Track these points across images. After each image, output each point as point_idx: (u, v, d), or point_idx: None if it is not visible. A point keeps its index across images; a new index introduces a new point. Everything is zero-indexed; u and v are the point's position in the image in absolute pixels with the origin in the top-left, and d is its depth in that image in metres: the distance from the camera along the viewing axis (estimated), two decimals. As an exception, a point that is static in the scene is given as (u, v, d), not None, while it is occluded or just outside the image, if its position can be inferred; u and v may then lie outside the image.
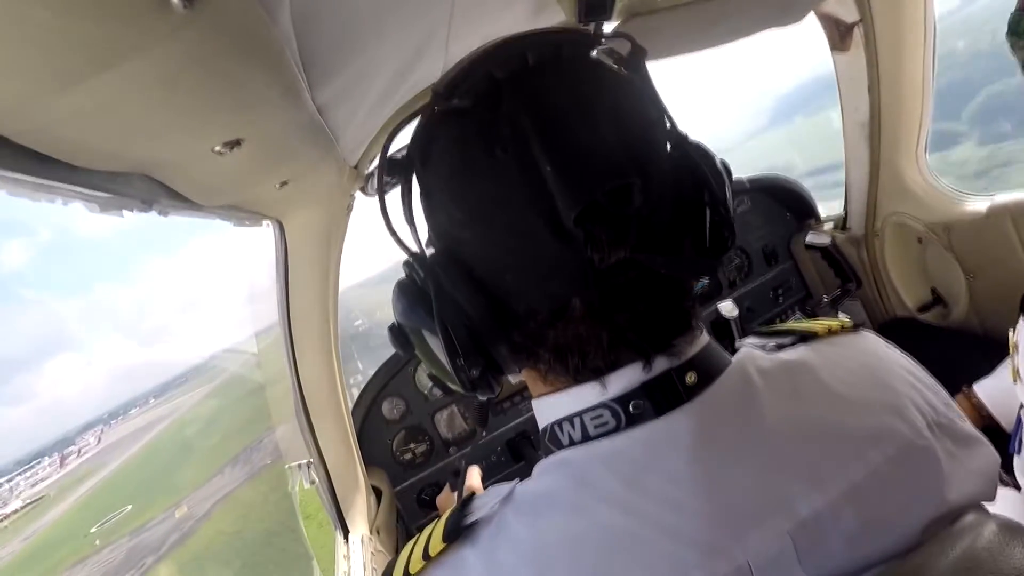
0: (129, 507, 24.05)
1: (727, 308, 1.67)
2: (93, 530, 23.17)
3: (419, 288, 0.47)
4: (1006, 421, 1.12)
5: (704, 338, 0.46)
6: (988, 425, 1.14)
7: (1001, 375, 1.17)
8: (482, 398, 0.51)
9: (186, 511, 18.51)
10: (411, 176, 0.46)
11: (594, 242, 0.39)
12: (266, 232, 1.00)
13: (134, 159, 0.50)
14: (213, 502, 17.63)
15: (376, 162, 0.48)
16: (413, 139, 0.46)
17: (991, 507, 0.45)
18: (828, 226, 1.82)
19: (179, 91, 0.41)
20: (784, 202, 1.93)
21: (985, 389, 1.17)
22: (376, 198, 0.49)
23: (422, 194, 0.47)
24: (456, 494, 0.68)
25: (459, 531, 0.44)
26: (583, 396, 0.44)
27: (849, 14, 1.31)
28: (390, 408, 1.62)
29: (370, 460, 1.55)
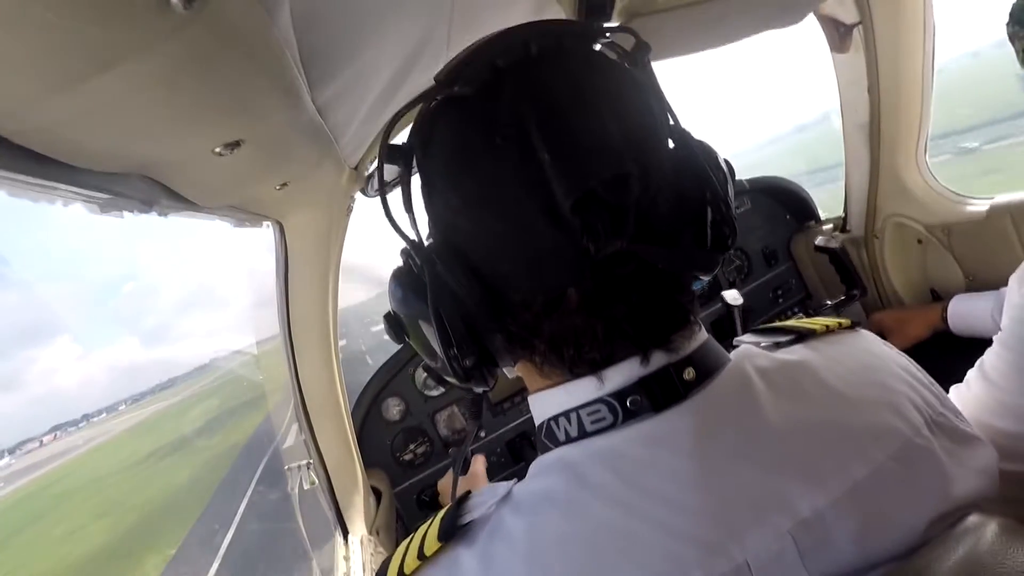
0: None
1: (731, 296, 1.59)
2: None
3: (415, 276, 0.46)
4: None
5: (703, 335, 0.46)
6: None
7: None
8: (477, 390, 0.51)
9: None
10: (411, 163, 0.46)
11: (591, 231, 0.39)
12: (266, 233, 1.00)
13: (134, 160, 0.50)
14: None
15: (377, 162, 0.48)
16: (414, 126, 0.46)
17: None
18: (828, 227, 1.82)
19: (179, 91, 0.40)
20: (784, 203, 1.93)
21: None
22: (377, 198, 0.49)
23: (422, 182, 0.47)
24: (453, 479, 0.68)
25: (454, 530, 0.43)
26: (579, 391, 0.44)
27: (849, 15, 1.31)
28: (390, 409, 1.62)
29: (370, 461, 1.55)
